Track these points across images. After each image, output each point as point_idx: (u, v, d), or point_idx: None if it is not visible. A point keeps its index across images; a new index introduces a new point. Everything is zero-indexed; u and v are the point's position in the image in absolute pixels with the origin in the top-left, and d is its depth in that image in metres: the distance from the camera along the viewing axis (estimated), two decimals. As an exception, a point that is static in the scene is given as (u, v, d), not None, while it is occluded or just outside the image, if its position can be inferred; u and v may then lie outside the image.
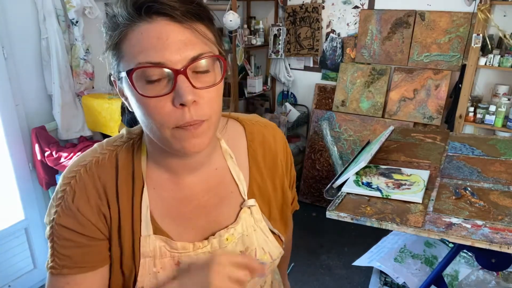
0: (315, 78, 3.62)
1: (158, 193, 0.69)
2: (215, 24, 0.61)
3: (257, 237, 0.73)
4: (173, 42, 0.54)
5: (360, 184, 1.49)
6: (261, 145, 0.77)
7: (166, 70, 0.54)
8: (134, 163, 0.68)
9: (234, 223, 0.72)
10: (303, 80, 3.70)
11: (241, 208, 0.73)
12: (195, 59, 0.55)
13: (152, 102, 0.55)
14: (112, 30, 0.57)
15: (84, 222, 0.64)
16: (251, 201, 0.73)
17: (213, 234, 0.70)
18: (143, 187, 0.67)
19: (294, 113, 3.57)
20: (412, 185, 1.46)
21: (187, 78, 0.54)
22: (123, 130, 0.72)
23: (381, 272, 1.80)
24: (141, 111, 0.58)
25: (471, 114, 2.82)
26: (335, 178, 1.63)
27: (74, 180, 0.65)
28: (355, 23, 3.29)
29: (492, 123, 2.73)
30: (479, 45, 2.65)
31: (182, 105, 0.55)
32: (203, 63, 0.56)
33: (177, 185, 0.70)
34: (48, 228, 0.66)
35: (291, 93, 3.79)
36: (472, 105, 2.84)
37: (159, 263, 0.67)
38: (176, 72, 0.54)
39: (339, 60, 3.43)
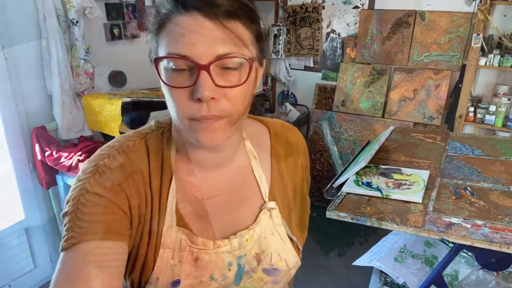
0: (315, 78, 3.62)
1: (183, 185, 0.68)
2: (260, 23, 0.60)
3: (274, 241, 0.72)
4: (203, 37, 0.54)
5: (360, 184, 1.49)
6: (284, 148, 0.77)
7: (191, 63, 0.55)
8: (163, 152, 0.68)
9: (253, 224, 0.71)
10: (303, 80, 3.70)
11: (261, 210, 0.72)
12: (221, 57, 0.55)
13: (175, 92, 0.57)
14: (154, 18, 0.59)
15: (118, 191, 0.62)
16: (272, 204, 0.72)
17: (234, 234, 0.69)
18: (171, 177, 0.67)
19: (294, 113, 3.57)
20: (412, 185, 1.46)
21: (209, 74, 0.55)
22: (152, 121, 0.72)
23: (381, 272, 1.80)
24: (167, 97, 0.60)
25: (471, 114, 2.82)
26: (335, 178, 1.63)
27: (108, 159, 0.63)
28: (355, 23, 3.29)
29: (492, 123, 2.73)
30: (479, 45, 2.65)
31: (199, 99, 0.56)
32: (229, 61, 0.56)
33: (201, 179, 0.69)
34: (68, 204, 0.61)
35: (291, 93, 3.79)
36: (472, 105, 2.83)
37: (178, 256, 0.67)
38: (200, 67, 0.55)
39: (339, 60, 3.43)
